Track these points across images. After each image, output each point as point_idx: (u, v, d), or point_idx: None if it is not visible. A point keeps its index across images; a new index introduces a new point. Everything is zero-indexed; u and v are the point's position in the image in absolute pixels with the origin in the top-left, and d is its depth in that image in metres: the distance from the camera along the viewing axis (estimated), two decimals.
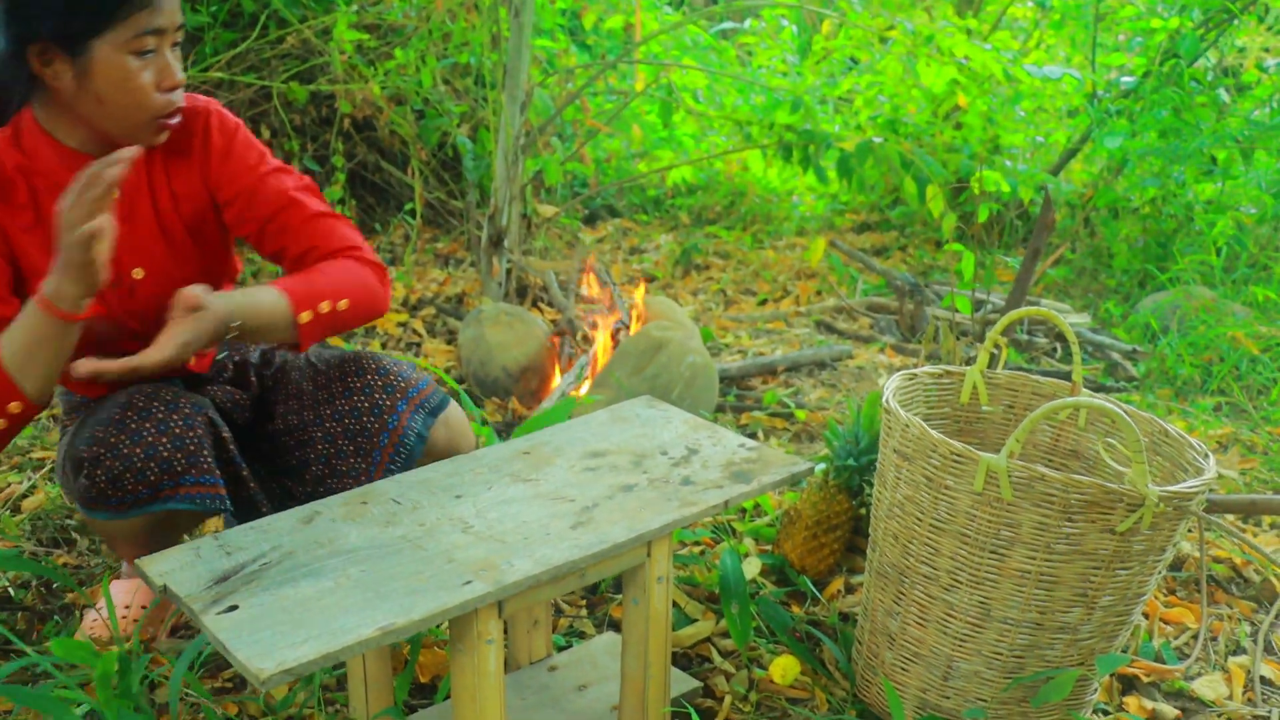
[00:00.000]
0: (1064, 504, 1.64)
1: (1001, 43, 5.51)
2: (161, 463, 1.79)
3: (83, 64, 1.67)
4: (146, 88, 1.71)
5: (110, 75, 1.68)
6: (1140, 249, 4.90)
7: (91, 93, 1.70)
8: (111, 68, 1.68)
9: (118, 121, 1.74)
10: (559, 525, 1.57)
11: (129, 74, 1.69)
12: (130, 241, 1.85)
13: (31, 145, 1.78)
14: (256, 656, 1.27)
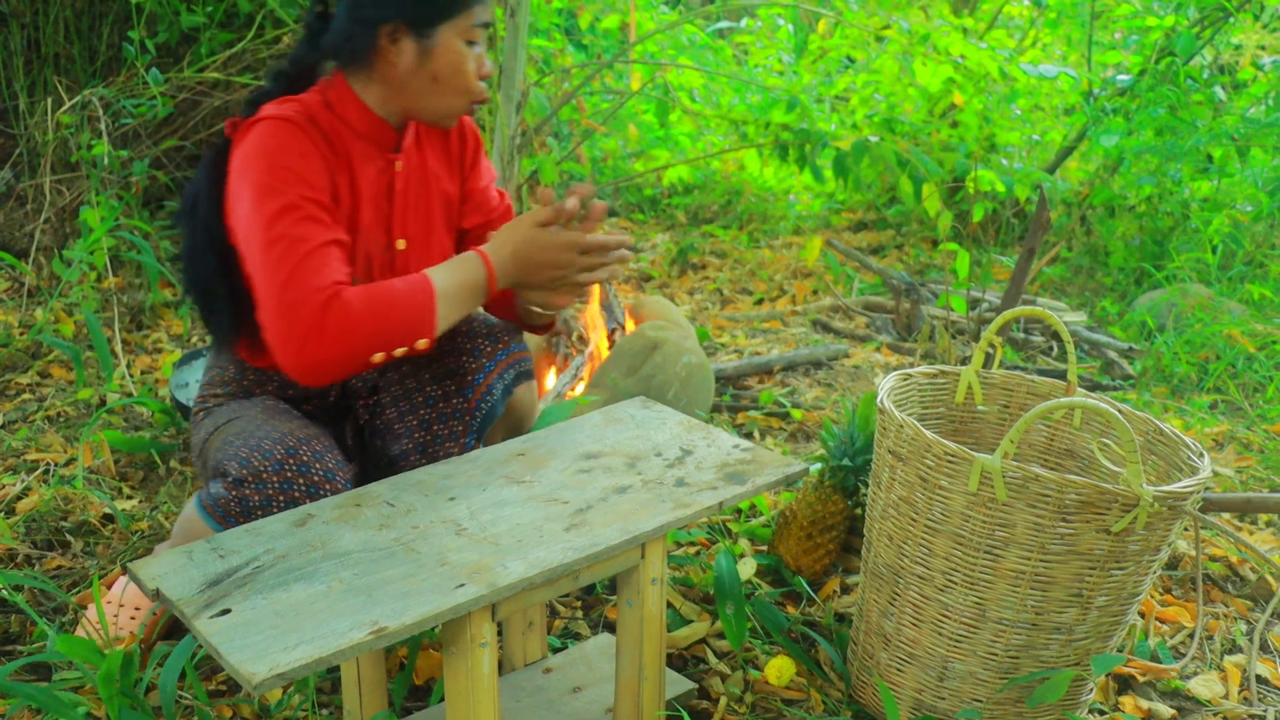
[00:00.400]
0: (1059, 504, 1.64)
1: (997, 41, 5.51)
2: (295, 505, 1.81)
3: (426, 46, 1.87)
4: (471, 74, 1.92)
5: (449, 59, 1.89)
6: (1136, 247, 4.90)
7: (428, 72, 1.89)
8: (450, 52, 1.88)
9: (441, 100, 1.93)
10: (553, 527, 1.57)
11: (462, 59, 1.90)
12: (403, 215, 2.04)
13: (343, 109, 1.93)
14: (248, 660, 1.27)
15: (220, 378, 2.11)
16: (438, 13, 1.86)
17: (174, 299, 4.14)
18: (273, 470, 1.78)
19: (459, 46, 1.89)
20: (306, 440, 1.84)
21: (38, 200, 4.31)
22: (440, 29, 1.87)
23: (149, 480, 2.77)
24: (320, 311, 1.70)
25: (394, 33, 1.86)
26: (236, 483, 1.78)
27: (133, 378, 3.40)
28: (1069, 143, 5.48)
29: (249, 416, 1.96)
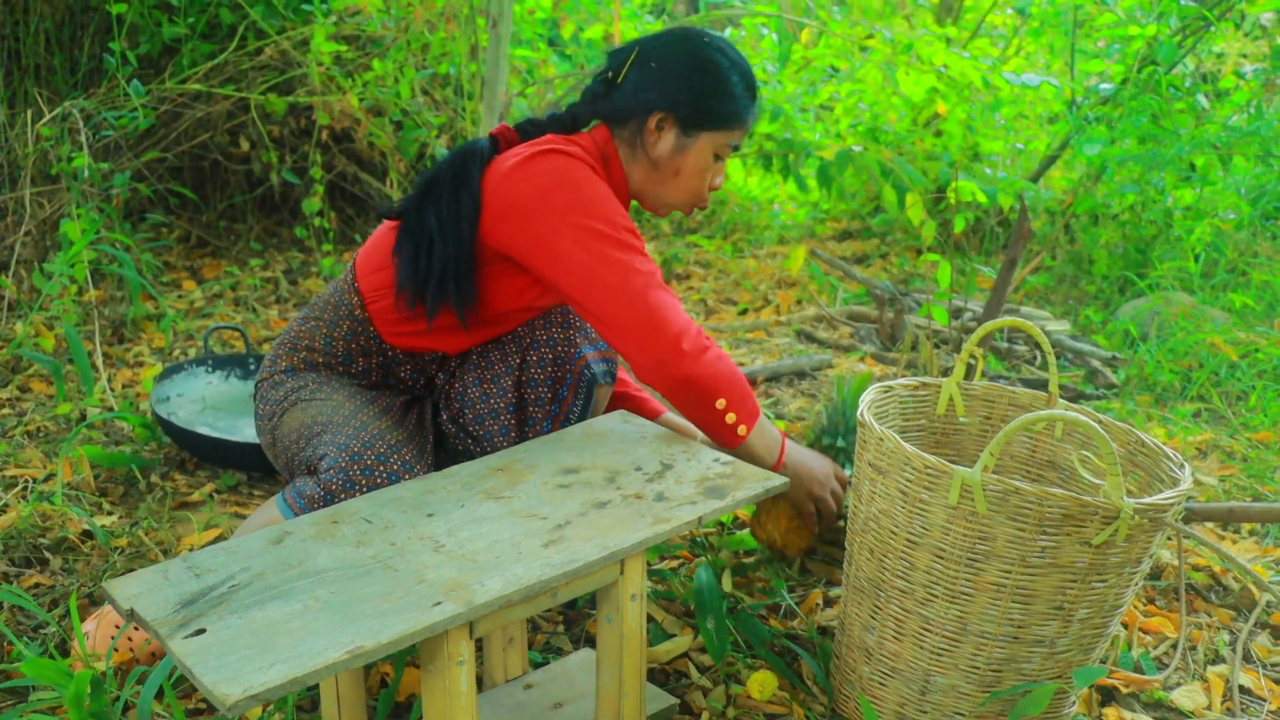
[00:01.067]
0: (1039, 517, 1.63)
1: (981, 50, 5.53)
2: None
3: (684, 143, 2.12)
4: (706, 180, 2.19)
5: (696, 161, 2.14)
6: (1120, 255, 4.91)
7: (675, 165, 2.14)
8: (700, 156, 2.14)
9: (675, 193, 2.19)
10: (531, 544, 1.56)
11: (706, 166, 2.16)
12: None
13: (614, 172, 2.17)
14: (222, 682, 1.26)
15: (328, 331, 2.19)
16: (706, 121, 2.11)
17: (155, 312, 4.13)
18: (363, 474, 1.89)
19: (708, 155, 2.14)
20: (398, 447, 1.95)
21: (18, 213, 4.29)
22: (702, 135, 2.12)
23: (129, 496, 2.75)
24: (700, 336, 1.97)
25: (662, 121, 2.11)
26: (327, 482, 1.89)
27: (114, 392, 3.38)
28: (1052, 151, 5.49)
29: (337, 405, 2.08)
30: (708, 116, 2.10)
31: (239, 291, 4.55)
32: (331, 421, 2.01)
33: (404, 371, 2.21)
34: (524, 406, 2.14)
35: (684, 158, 2.13)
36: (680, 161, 2.13)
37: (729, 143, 2.14)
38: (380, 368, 2.20)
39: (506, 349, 2.16)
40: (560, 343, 2.13)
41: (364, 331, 2.17)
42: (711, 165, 2.16)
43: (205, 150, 4.93)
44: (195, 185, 5.07)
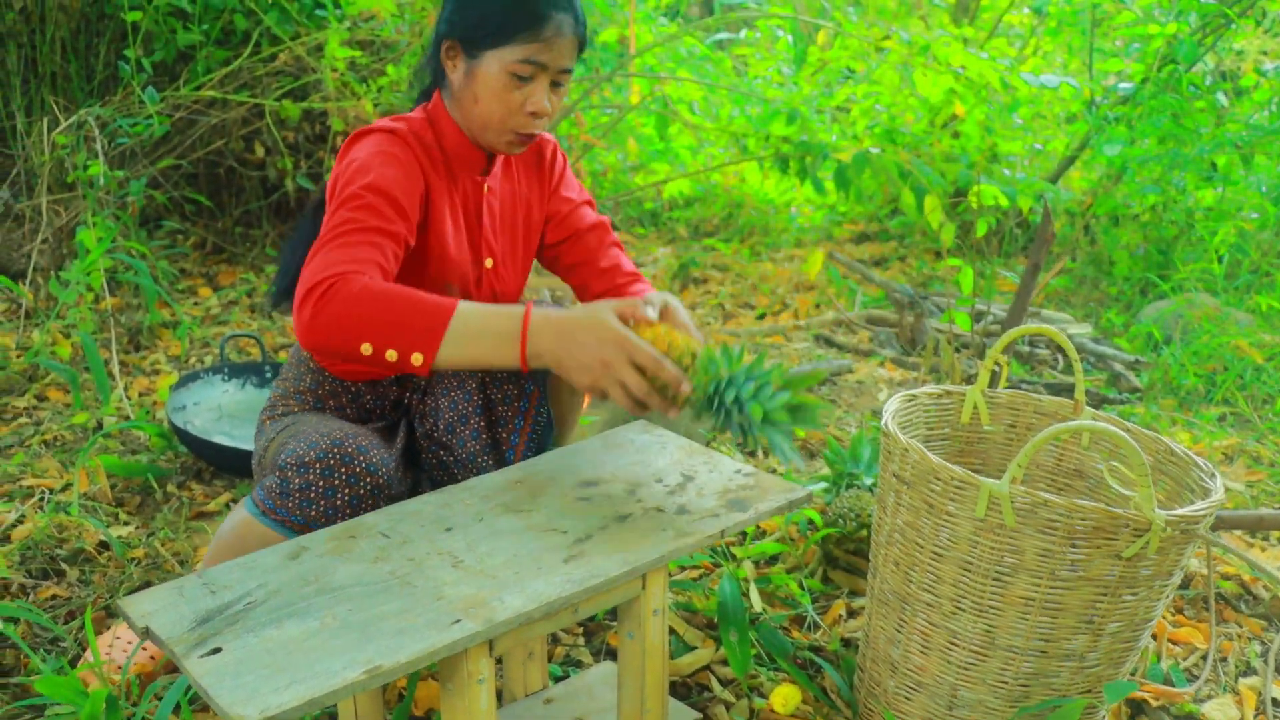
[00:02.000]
0: (1068, 530, 1.60)
1: (998, 50, 5.49)
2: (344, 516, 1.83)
3: (473, 67, 1.95)
4: (512, 104, 1.96)
5: (489, 83, 1.94)
6: (1141, 257, 4.87)
7: (471, 91, 1.97)
8: (491, 78, 1.94)
9: (480, 122, 1.99)
10: (551, 559, 1.54)
11: (503, 88, 1.94)
12: (490, 235, 2.14)
13: (439, 129, 2.05)
14: (238, 703, 1.23)
15: (295, 388, 2.16)
16: (483, 37, 1.93)
17: (171, 319, 4.12)
18: (316, 458, 1.79)
19: (502, 77, 1.93)
20: (354, 435, 1.85)
21: (34, 221, 4.28)
22: (486, 55, 1.93)
23: (145, 505, 2.74)
24: (337, 279, 1.70)
25: (450, 49, 1.98)
26: (280, 468, 1.81)
27: (130, 400, 3.37)
28: (1071, 152, 5.45)
29: (306, 420, 2.03)
30: (486, 32, 1.92)
31: (255, 298, 4.54)
32: (299, 430, 1.96)
33: (368, 401, 2.18)
34: (492, 407, 2.11)
35: (475, 82, 1.95)
36: (475, 88, 1.95)
37: (526, 58, 1.91)
38: (351, 404, 2.17)
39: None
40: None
41: (324, 378, 2.15)
42: (513, 86, 1.94)
43: (220, 157, 4.92)
44: (210, 192, 5.07)
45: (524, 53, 1.91)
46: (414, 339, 1.69)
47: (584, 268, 2.26)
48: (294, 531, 1.78)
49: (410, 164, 1.95)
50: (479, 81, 1.95)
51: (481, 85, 1.95)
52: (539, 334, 1.71)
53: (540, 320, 1.71)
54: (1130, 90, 5.10)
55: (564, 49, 1.95)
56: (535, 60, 1.92)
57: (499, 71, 1.93)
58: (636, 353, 1.68)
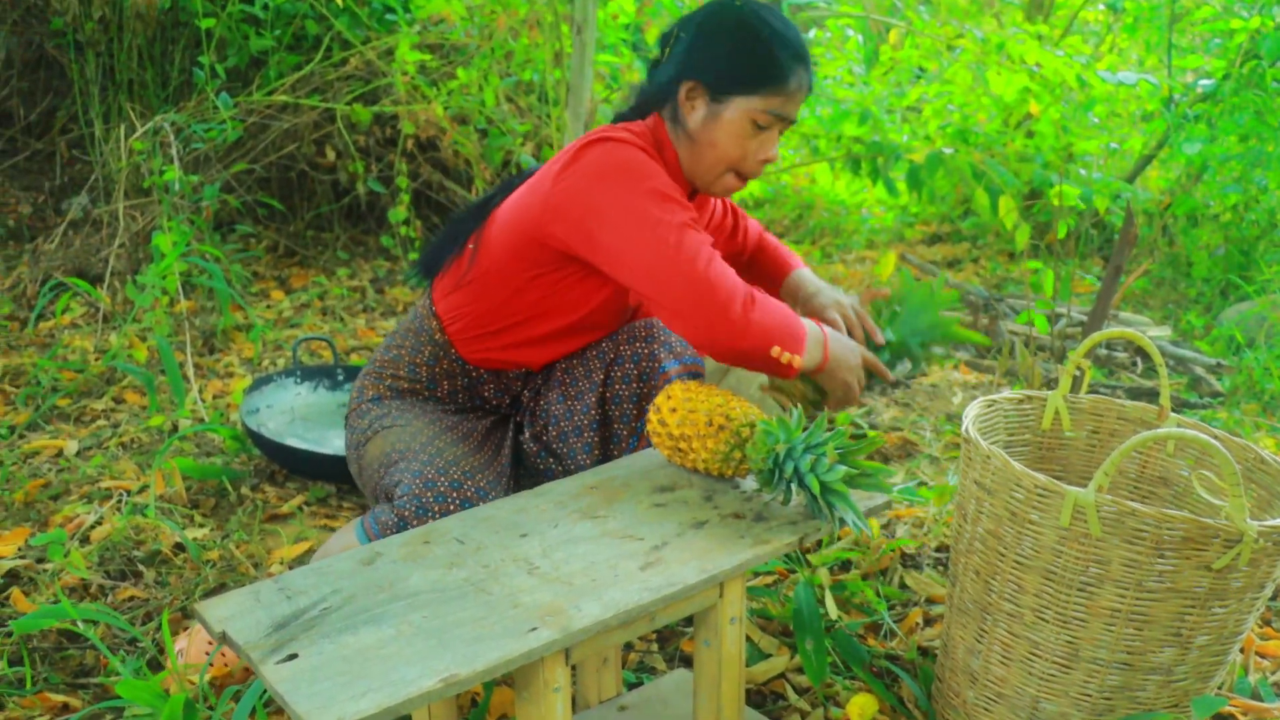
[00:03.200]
0: (1156, 540, 1.56)
1: (1073, 48, 5.40)
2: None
3: (716, 110, 2.03)
4: (748, 150, 2.05)
5: (729, 128, 2.03)
6: (1221, 257, 4.77)
7: (710, 135, 2.04)
8: (734, 123, 2.02)
9: (711, 165, 2.07)
10: (628, 566, 1.52)
11: (743, 134, 2.03)
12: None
13: (664, 153, 2.11)
14: (315, 710, 1.23)
15: (411, 358, 2.20)
16: (734, 85, 2.01)
17: (244, 322, 4.16)
18: (435, 500, 1.86)
19: (744, 123, 2.02)
20: (472, 474, 1.91)
21: (112, 226, 4.35)
22: (733, 100, 2.01)
23: (220, 508, 2.76)
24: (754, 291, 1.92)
25: (692, 90, 2.04)
26: (401, 508, 1.87)
27: (204, 403, 3.40)
28: (1149, 151, 5.35)
29: (416, 431, 2.07)
30: (735, 79, 2.00)
31: (326, 301, 4.57)
32: (409, 449, 2.01)
33: (488, 391, 2.19)
34: (608, 423, 2.11)
35: (717, 125, 2.03)
36: (714, 130, 2.04)
37: (768, 109, 2.02)
38: (465, 389, 2.19)
39: (590, 365, 2.13)
40: (644, 358, 2.10)
41: (446, 354, 2.17)
42: (751, 133, 2.04)
43: (292, 161, 4.96)
44: (282, 195, 5.11)
45: (770, 104, 2.01)
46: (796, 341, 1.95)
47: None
48: None
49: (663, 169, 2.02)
50: (721, 126, 2.02)
51: (723, 130, 2.03)
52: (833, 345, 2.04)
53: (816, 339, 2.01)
54: (1211, 87, 4.99)
55: (800, 101, 2.06)
56: (778, 112, 2.02)
57: (741, 118, 2.01)
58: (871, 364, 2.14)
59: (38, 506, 2.72)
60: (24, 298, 4.28)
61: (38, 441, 3.11)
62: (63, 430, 3.23)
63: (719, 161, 2.06)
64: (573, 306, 2.09)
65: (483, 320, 2.13)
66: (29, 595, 2.31)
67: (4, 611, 2.25)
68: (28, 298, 4.27)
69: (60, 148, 5.26)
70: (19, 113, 5.24)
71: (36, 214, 5.10)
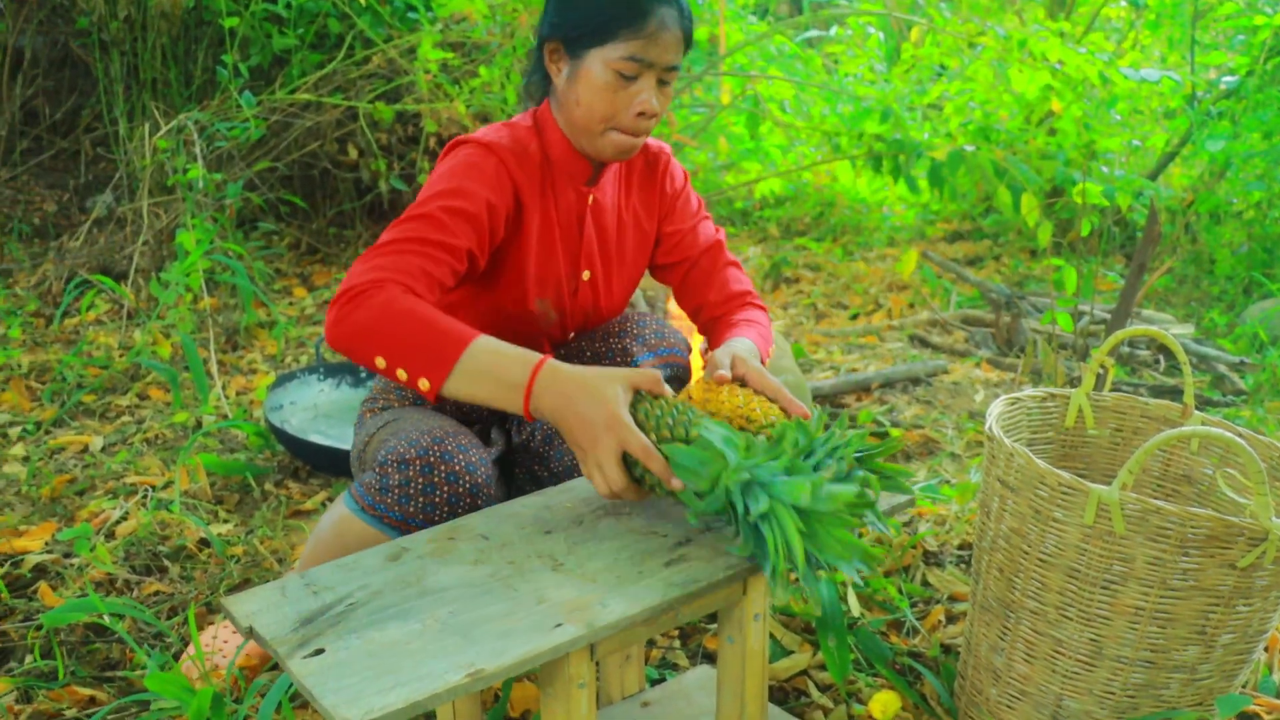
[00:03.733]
0: (1180, 538, 1.56)
1: (1095, 45, 5.38)
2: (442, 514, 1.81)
3: (575, 67, 1.90)
4: (618, 104, 1.89)
5: (593, 83, 1.88)
6: (1244, 255, 4.75)
7: (574, 93, 1.91)
8: (595, 77, 1.88)
9: (583, 125, 1.93)
10: (652, 563, 1.53)
11: (607, 87, 1.88)
12: (590, 248, 2.09)
13: (546, 137, 2.01)
14: (343, 704, 1.24)
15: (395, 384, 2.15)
16: (586, 36, 1.88)
17: (267, 319, 4.18)
18: (416, 455, 1.77)
19: (607, 75, 1.87)
20: (454, 433, 1.83)
21: (136, 224, 4.37)
22: (589, 54, 1.88)
23: (244, 503, 2.78)
24: (371, 287, 1.70)
25: (554, 51, 1.94)
26: (381, 464, 1.80)
27: (228, 399, 3.42)
28: (1172, 148, 5.33)
29: (406, 416, 2.01)
30: (588, 30, 1.87)
31: None
32: (399, 427, 1.95)
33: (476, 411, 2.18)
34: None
35: (579, 83, 1.90)
36: (578, 89, 1.90)
37: (628, 55, 1.85)
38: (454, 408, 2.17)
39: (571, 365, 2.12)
40: (617, 352, 2.09)
41: None
42: (618, 85, 1.88)
43: (315, 159, 4.99)
44: (305, 193, 5.14)
45: (628, 49, 1.85)
46: (425, 364, 1.67)
47: (694, 293, 2.21)
48: (391, 528, 1.78)
49: (498, 178, 1.90)
50: (582, 82, 1.89)
51: (585, 86, 1.89)
52: (543, 391, 1.63)
53: (548, 377, 1.64)
54: (1234, 84, 4.97)
55: (669, 44, 1.88)
56: (640, 57, 1.86)
57: (603, 70, 1.87)
58: (629, 440, 1.56)
59: (64, 502, 2.75)
60: (49, 295, 4.32)
61: (64, 437, 3.14)
62: (88, 426, 3.25)
63: (591, 120, 1.91)
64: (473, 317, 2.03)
65: None
66: (56, 590, 2.33)
67: (32, 605, 2.28)
68: (53, 294, 4.30)
69: (85, 146, 5.30)
70: (44, 111, 5.27)
71: (61, 212, 5.13)
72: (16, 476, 2.87)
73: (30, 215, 5.05)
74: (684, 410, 1.62)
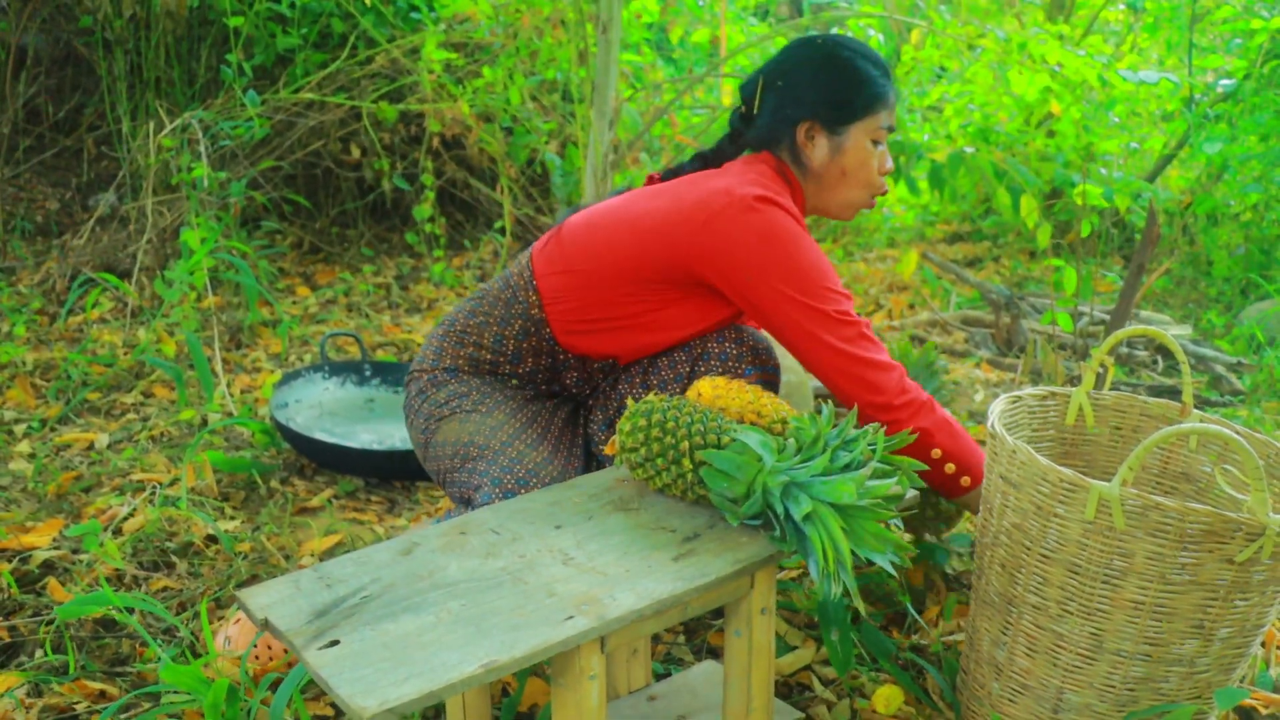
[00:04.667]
0: (1180, 533, 1.58)
1: (1094, 47, 5.41)
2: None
3: (838, 143, 2.14)
4: (875, 169, 2.18)
5: (857, 155, 2.15)
6: (1241, 256, 4.77)
7: (839, 166, 2.16)
8: (859, 149, 2.15)
9: (848, 192, 2.19)
10: (661, 557, 1.55)
11: (869, 156, 2.16)
12: None
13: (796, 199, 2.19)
14: (359, 694, 1.26)
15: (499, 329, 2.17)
16: (849, 115, 2.12)
17: (271, 318, 4.20)
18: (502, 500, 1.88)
19: (866, 145, 2.14)
20: (556, 479, 1.96)
21: (140, 222, 4.39)
22: (850, 129, 2.13)
23: (250, 501, 2.80)
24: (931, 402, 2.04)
25: (810, 130, 2.14)
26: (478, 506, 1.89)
27: (233, 397, 3.44)
28: (1170, 150, 5.36)
29: (496, 426, 2.09)
30: (848, 109, 2.12)
31: (351, 297, 4.62)
32: (488, 447, 2.02)
33: (570, 378, 2.21)
34: None
35: (843, 157, 2.15)
36: (841, 162, 2.15)
37: (880, 125, 2.15)
38: (548, 369, 2.19)
39: (675, 357, 2.15)
40: (731, 358, 2.12)
41: (538, 332, 2.16)
42: (872, 152, 2.16)
43: (318, 158, 5.01)
44: (308, 192, 5.16)
45: (882, 120, 2.15)
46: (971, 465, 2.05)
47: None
48: None
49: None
50: (847, 156, 2.14)
51: (850, 158, 2.15)
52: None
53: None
54: (1231, 86, 5.00)
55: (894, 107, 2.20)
56: (888, 125, 2.17)
57: (862, 142, 2.14)
58: None
59: (70, 498, 2.77)
60: (53, 292, 4.33)
61: (69, 434, 3.16)
62: (93, 423, 3.27)
63: (854, 187, 2.18)
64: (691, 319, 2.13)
65: (588, 309, 2.12)
66: (64, 585, 2.35)
67: (40, 601, 2.30)
68: (57, 292, 4.32)
69: (87, 144, 5.31)
70: (47, 110, 5.29)
71: (64, 210, 5.15)
72: (23, 473, 2.89)
73: (33, 213, 5.07)
74: (713, 417, 1.71)
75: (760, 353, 2.13)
